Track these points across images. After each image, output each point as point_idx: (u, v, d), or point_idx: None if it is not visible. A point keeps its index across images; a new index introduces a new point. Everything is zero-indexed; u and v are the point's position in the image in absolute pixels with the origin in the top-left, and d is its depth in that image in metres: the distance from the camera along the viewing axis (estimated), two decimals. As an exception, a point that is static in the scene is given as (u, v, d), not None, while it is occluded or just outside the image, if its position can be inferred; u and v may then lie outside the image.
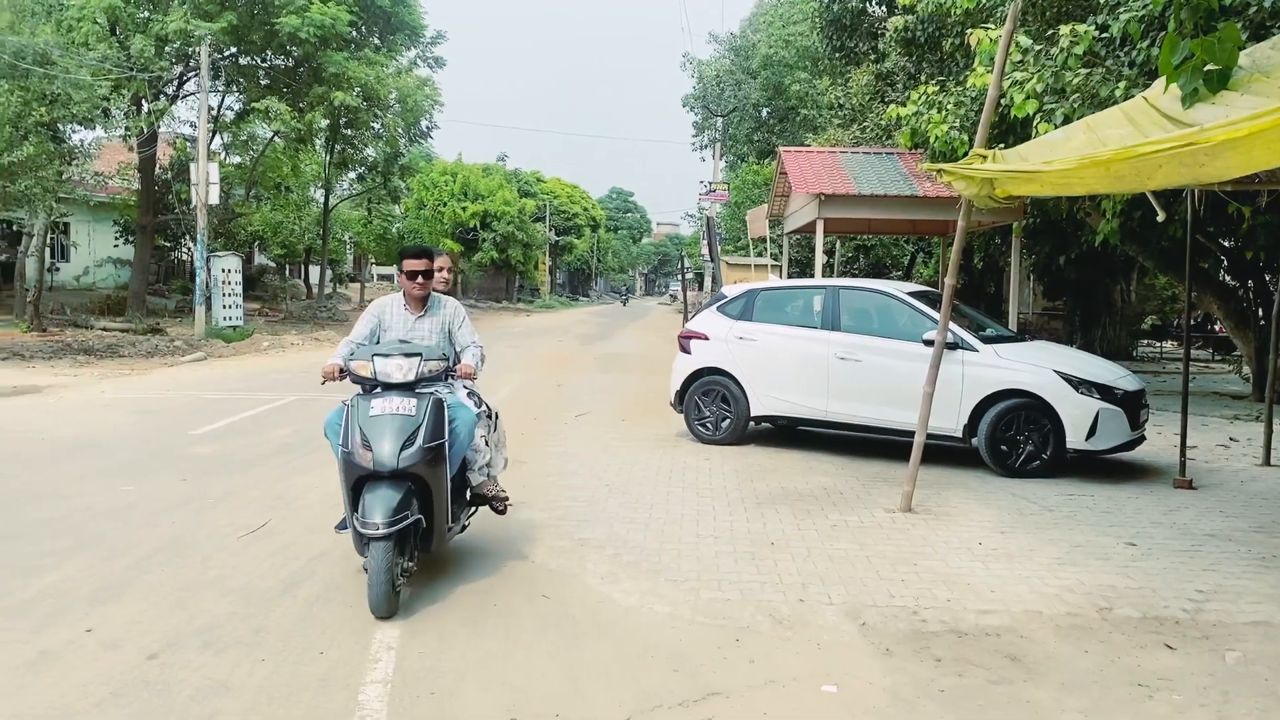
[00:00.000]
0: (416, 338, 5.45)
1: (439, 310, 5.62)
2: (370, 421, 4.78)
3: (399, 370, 4.95)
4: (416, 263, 5.45)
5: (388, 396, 4.87)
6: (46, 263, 26.84)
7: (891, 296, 9.63)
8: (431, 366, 5.06)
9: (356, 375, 5.03)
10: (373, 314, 5.55)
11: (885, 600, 5.20)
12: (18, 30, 17.25)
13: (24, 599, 4.80)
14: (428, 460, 4.83)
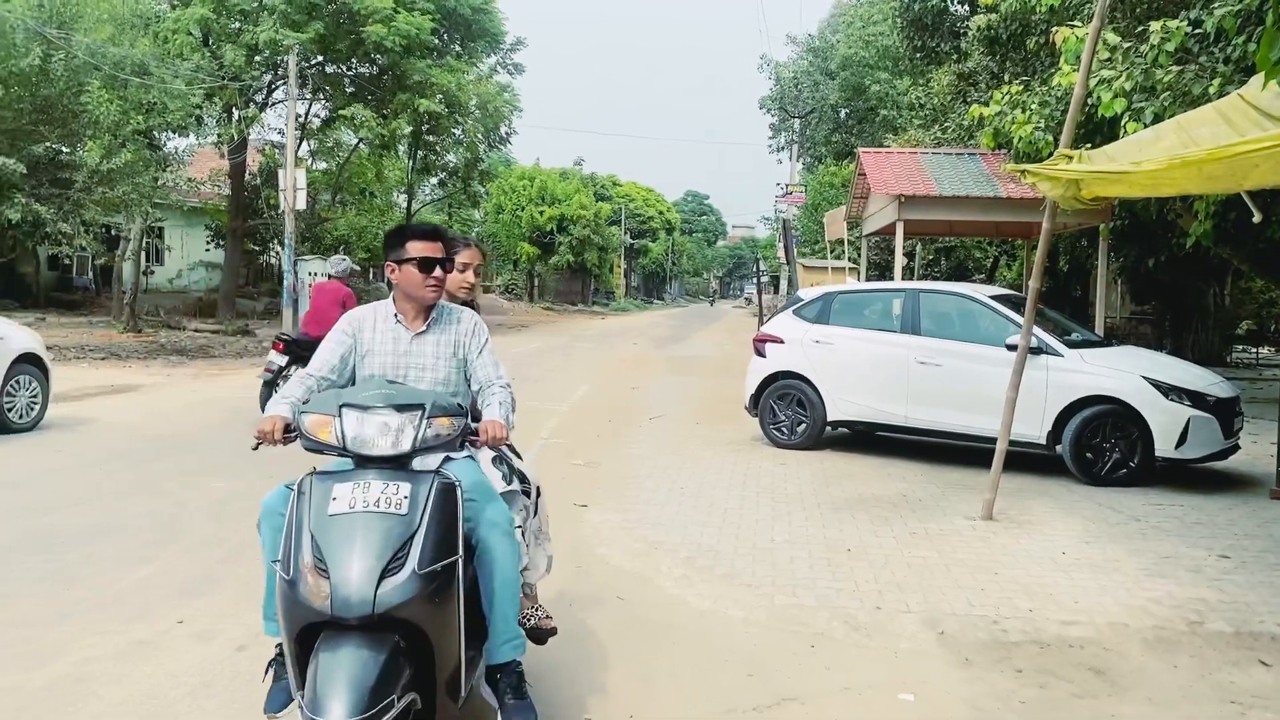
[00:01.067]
0: (414, 367, 3.51)
1: (450, 325, 3.60)
2: (331, 525, 2.73)
3: (385, 434, 2.90)
4: (428, 246, 3.48)
5: (362, 479, 2.83)
6: (142, 266, 27.86)
7: (973, 300, 9.47)
8: (441, 427, 2.98)
9: (312, 439, 2.96)
10: (346, 330, 3.54)
11: (965, 609, 5.11)
12: (117, 42, 17.93)
13: (120, 590, 4.99)
14: (428, 596, 2.73)
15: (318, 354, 3.54)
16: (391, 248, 3.56)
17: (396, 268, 3.53)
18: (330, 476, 2.88)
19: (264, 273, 38.64)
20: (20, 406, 9.55)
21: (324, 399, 3.09)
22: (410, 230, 3.62)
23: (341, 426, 2.91)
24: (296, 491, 2.89)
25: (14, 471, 7.89)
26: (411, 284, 3.50)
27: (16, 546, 5.74)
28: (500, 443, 3.28)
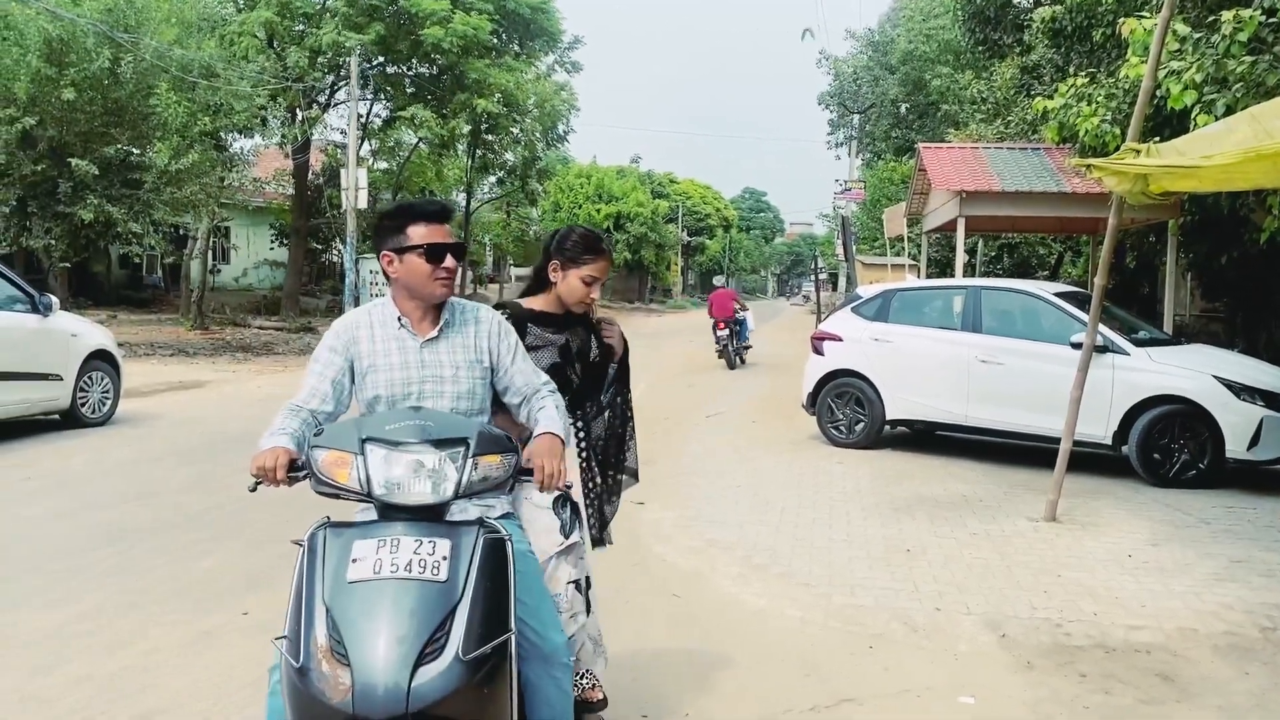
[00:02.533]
0: (430, 380, 2.85)
1: (467, 326, 2.95)
2: (351, 596, 2.21)
3: (420, 477, 2.36)
4: (435, 230, 2.83)
5: (389, 534, 2.30)
6: (209, 265, 28.49)
7: (1036, 297, 9.30)
8: (489, 467, 2.45)
9: (328, 481, 2.39)
10: (335, 345, 2.89)
11: (1027, 612, 5.02)
12: (184, 45, 18.36)
13: (186, 583, 5.10)
14: (476, 685, 2.21)
15: (305, 379, 2.87)
16: (388, 233, 2.84)
17: (395, 259, 2.83)
18: (348, 530, 2.33)
19: (326, 271, 39.28)
20: (93, 401, 9.84)
21: (341, 430, 2.48)
22: (411, 210, 2.87)
23: (365, 467, 2.33)
24: (305, 549, 2.33)
25: (87, 465, 8.12)
26: (417, 278, 2.81)
27: (90, 540, 5.91)
28: (555, 483, 2.60)
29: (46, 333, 9.23)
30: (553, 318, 3.35)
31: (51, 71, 16.21)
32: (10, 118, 15.95)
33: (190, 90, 18.48)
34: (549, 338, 3.33)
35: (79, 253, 18.76)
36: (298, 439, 2.60)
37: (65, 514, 6.52)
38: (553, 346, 3.33)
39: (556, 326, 3.35)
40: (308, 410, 2.81)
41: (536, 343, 3.28)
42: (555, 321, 3.34)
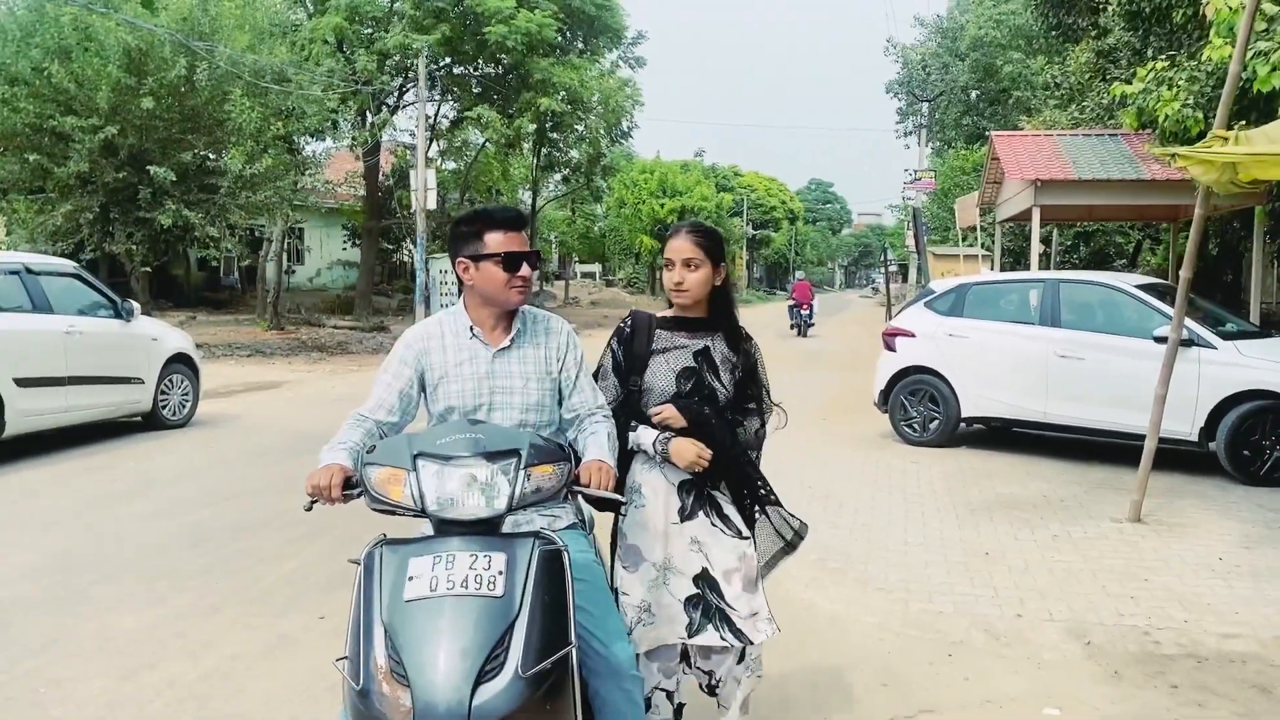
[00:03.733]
0: (500, 391, 2.86)
1: (539, 336, 2.97)
2: (409, 615, 2.20)
3: (473, 491, 2.34)
4: (512, 237, 2.84)
5: (444, 550, 2.28)
6: (284, 266, 29.11)
7: (1117, 290, 9.03)
8: (542, 478, 2.43)
9: (381, 498, 2.40)
10: (405, 358, 2.90)
11: (1113, 619, 4.86)
12: (256, 51, 18.73)
13: (266, 586, 5.19)
14: (539, 701, 2.20)
15: (374, 389, 2.89)
16: (465, 240, 2.84)
17: (471, 265, 2.84)
18: (404, 547, 2.31)
19: (398, 271, 39.86)
20: (174, 403, 10.10)
21: (393, 446, 2.47)
22: (489, 217, 2.86)
23: (418, 483, 2.33)
24: (362, 569, 2.33)
25: (169, 468, 8.34)
26: (493, 285, 2.82)
27: (174, 542, 6.06)
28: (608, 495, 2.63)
29: (129, 337, 9.50)
30: (685, 321, 3.15)
31: (131, 81, 16.67)
32: (93, 127, 16.44)
33: (263, 95, 18.86)
34: (681, 341, 3.12)
35: (159, 256, 19.30)
36: (356, 453, 2.59)
37: (152, 515, 6.70)
38: (685, 350, 3.11)
39: (690, 330, 3.14)
40: (373, 421, 2.83)
41: (666, 345, 3.12)
42: (688, 325, 3.15)
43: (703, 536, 3.06)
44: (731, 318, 3.18)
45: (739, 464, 3.15)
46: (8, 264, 8.57)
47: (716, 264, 3.10)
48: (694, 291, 3.07)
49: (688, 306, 3.12)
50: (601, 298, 49.74)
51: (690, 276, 3.06)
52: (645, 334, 3.13)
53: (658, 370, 3.09)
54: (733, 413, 3.14)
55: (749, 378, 3.17)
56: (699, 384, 3.08)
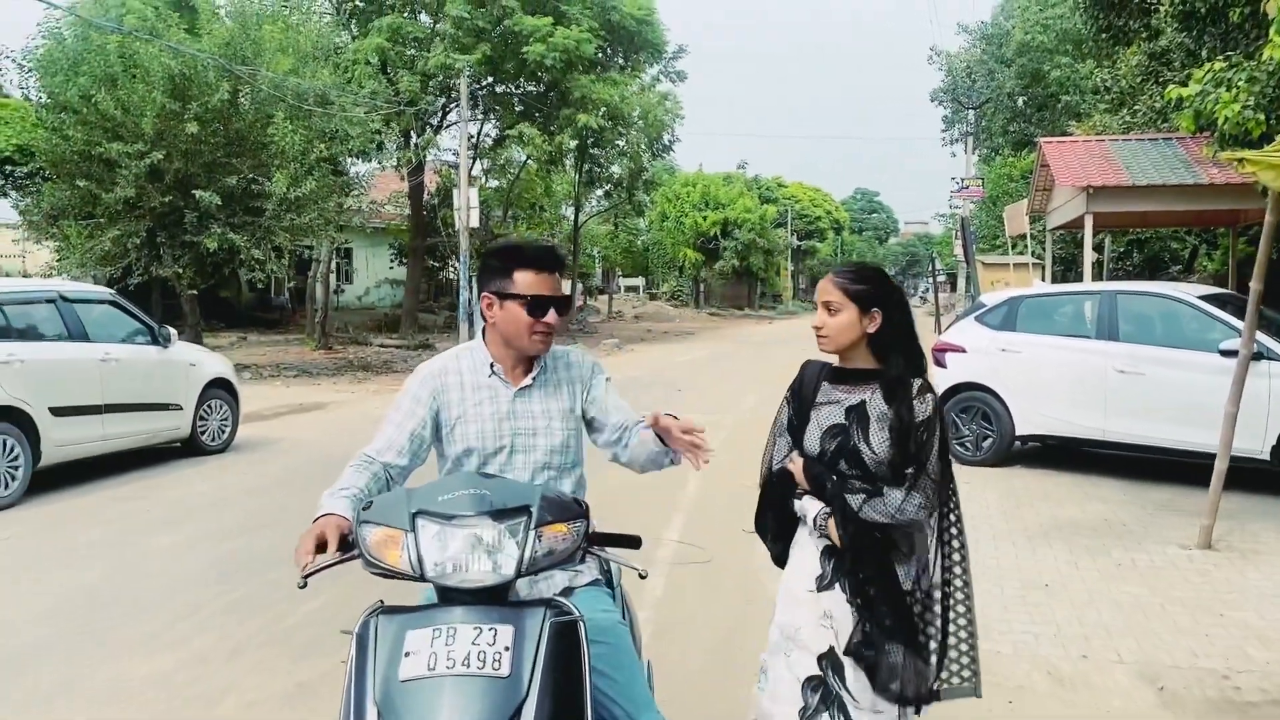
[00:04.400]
0: (522, 433, 2.69)
1: (560, 372, 2.80)
2: (404, 697, 1.98)
3: (478, 555, 2.10)
4: (543, 280, 2.64)
5: (446, 622, 2.05)
6: (332, 286, 29.29)
7: (1179, 301, 8.63)
8: (555, 539, 2.18)
9: (376, 562, 2.15)
10: (420, 394, 2.73)
11: (1187, 660, 4.53)
12: (299, 74, 18.84)
13: (290, 625, 5.01)
14: None
15: (383, 428, 2.72)
16: (493, 274, 2.65)
17: (496, 302, 2.64)
18: (401, 618, 2.08)
19: (444, 288, 40.03)
20: (213, 429, 10.05)
21: (390, 503, 2.20)
22: (520, 254, 2.64)
23: (416, 545, 2.09)
24: (355, 640, 2.11)
25: (204, 496, 8.25)
26: (514, 328, 2.63)
27: (202, 575, 5.92)
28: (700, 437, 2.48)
29: (167, 363, 9.47)
30: (846, 372, 2.78)
31: (176, 106, 16.81)
32: (139, 152, 16.60)
33: (306, 118, 18.95)
34: (839, 394, 2.76)
35: (206, 279, 19.43)
36: (360, 501, 2.33)
37: (181, 546, 6.58)
38: (839, 405, 2.74)
39: (850, 382, 2.77)
40: (381, 464, 2.66)
41: (825, 399, 2.78)
42: (849, 376, 2.78)
43: (836, 611, 2.68)
44: (893, 367, 2.72)
45: (863, 551, 2.68)
46: (43, 292, 8.58)
47: (867, 307, 2.72)
48: (834, 338, 2.74)
49: (840, 354, 2.79)
50: (645, 311, 49.58)
51: (830, 321, 2.73)
52: (812, 386, 2.83)
53: (812, 428, 2.77)
54: (885, 483, 2.68)
55: (905, 438, 2.65)
56: (843, 445, 2.72)
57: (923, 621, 2.69)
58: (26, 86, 19.02)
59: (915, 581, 2.70)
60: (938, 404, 2.71)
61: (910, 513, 2.64)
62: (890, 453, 2.66)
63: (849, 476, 2.70)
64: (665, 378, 18.64)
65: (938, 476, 2.67)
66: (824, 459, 2.73)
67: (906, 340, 2.75)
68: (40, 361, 8.00)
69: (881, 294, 2.74)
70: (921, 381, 2.72)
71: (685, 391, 16.06)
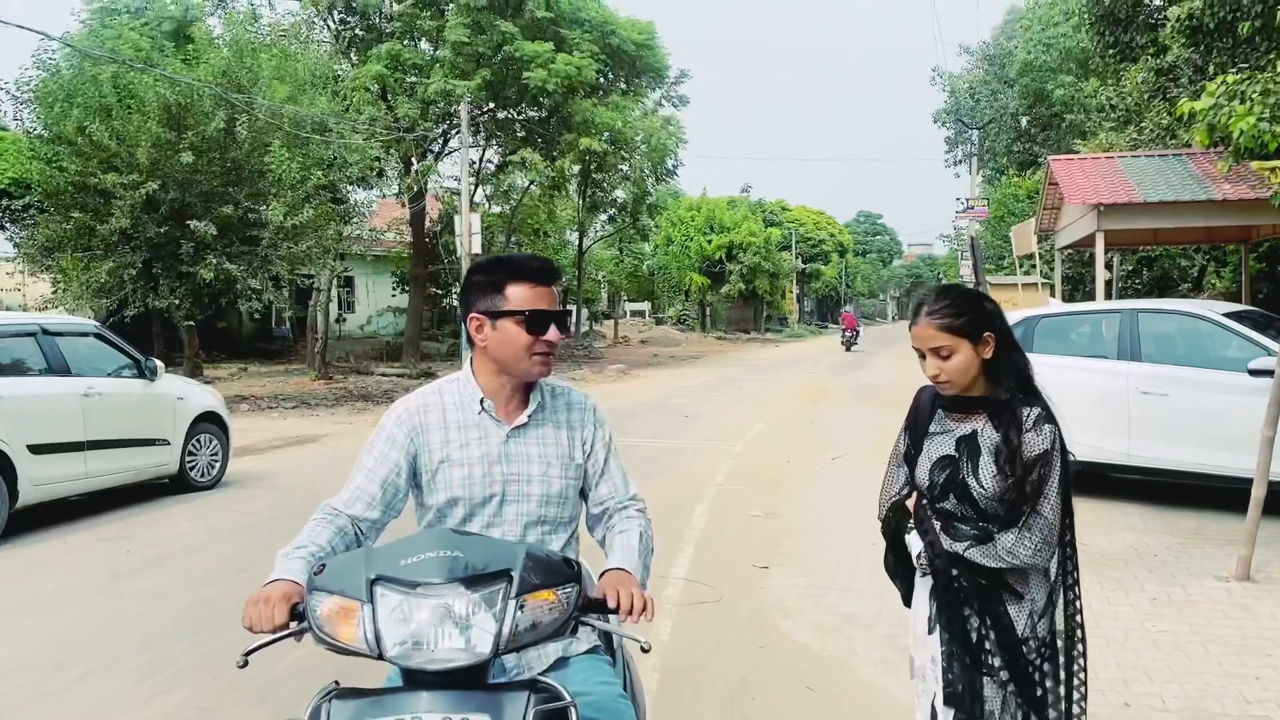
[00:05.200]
0: (515, 480, 2.35)
1: (560, 412, 2.46)
2: None
3: (448, 630, 1.76)
4: (539, 293, 2.32)
5: (406, 708, 1.77)
6: (333, 315, 29.06)
7: (1204, 319, 8.28)
8: (539, 609, 1.83)
9: (327, 639, 1.84)
10: (395, 435, 2.38)
11: (1238, 707, 4.16)
12: (297, 102, 18.64)
13: (268, 681, 4.64)
14: None
15: (352, 475, 2.37)
16: (480, 291, 2.30)
17: (486, 323, 2.28)
18: (358, 704, 1.78)
19: (447, 315, 39.84)
20: (202, 465, 9.71)
21: (345, 567, 1.86)
22: (510, 266, 2.31)
23: (374, 619, 1.75)
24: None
25: (189, 536, 7.90)
26: (511, 350, 2.28)
27: (177, 625, 5.57)
28: (648, 614, 2.03)
29: (153, 397, 9.13)
30: (960, 400, 2.53)
31: (170, 136, 16.59)
32: (134, 183, 16.36)
33: (303, 146, 18.74)
34: (950, 424, 2.55)
35: (203, 310, 19.16)
36: (319, 562, 1.96)
37: (159, 592, 6.23)
38: (951, 435, 2.53)
39: (964, 410, 2.54)
40: (347, 517, 2.33)
41: (939, 428, 2.57)
42: (962, 404, 2.54)
43: (939, 655, 2.52)
44: (1003, 390, 2.46)
45: (967, 594, 2.46)
46: (23, 326, 8.27)
47: (978, 337, 2.45)
48: (957, 381, 2.49)
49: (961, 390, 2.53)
50: (651, 336, 49.32)
51: (948, 366, 2.47)
52: (927, 414, 2.61)
53: (923, 459, 2.56)
54: (997, 521, 2.43)
55: (1014, 469, 2.39)
56: (951, 478, 2.48)
57: (1039, 674, 2.44)
58: (21, 119, 18.82)
59: (1032, 629, 2.45)
60: (1058, 435, 2.43)
61: (1024, 557, 2.39)
62: (1000, 487, 2.40)
63: (957, 516, 2.48)
64: (672, 404, 18.30)
65: (1056, 517, 2.39)
66: (933, 492, 2.51)
67: (1013, 355, 2.50)
68: (18, 397, 7.67)
69: (984, 316, 2.49)
70: (1040, 411, 2.44)
71: (691, 418, 15.72)
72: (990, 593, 2.44)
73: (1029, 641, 2.44)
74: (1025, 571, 2.44)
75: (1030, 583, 2.46)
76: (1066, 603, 2.50)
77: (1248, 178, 13.79)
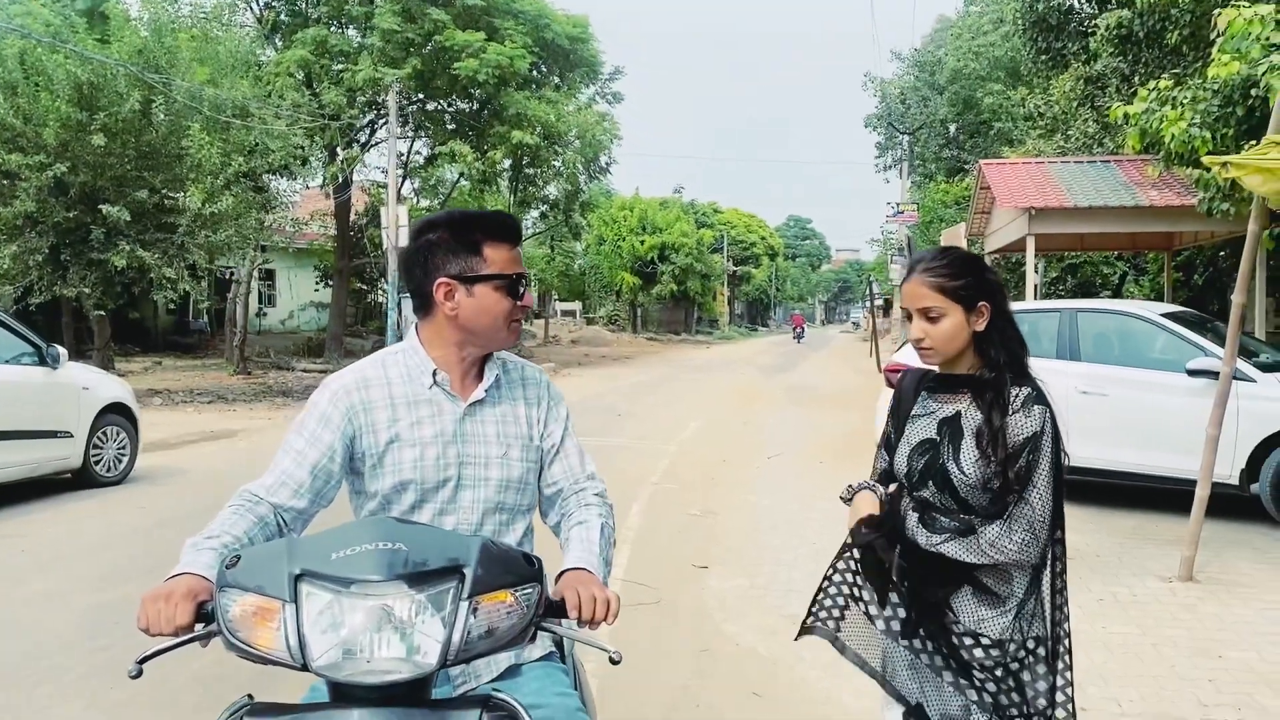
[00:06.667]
0: (471, 463, 2.08)
1: (517, 386, 2.21)
2: None
3: (386, 639, 1.47)
4: (515, 254, 2.09)
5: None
6: (253, 308, 28.16)
7: (1143, 319, 8.29)
8: (495, 613, 1.54)
9: (240, 645, 1.53)
10: (329, 414, 2.08)
11: (1196, 711, 4.04)
12: (217, 85, 17.95)
13: (174, 689, 4.26)
14: None
15: (277, 458, 2.07)
16: (451, 253, 2.02)
17: (460, 289, 2.01)
18: (278, 715, 1.53)
19: (372, 311, 38.98)
20: (108, 459, 9.15)
21: (263, 559, 1.56)
22: (484, 224, 2.05)
23: (299, 622, 1.47)
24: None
25: (91, 534, 7.39)
26: (488, 319, 2.03)
27: (76, 630, 5.12)
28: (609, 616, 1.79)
29: (55, 387, 8.55)
30: (946, 380, 2.34)
31: (81, 116, 15.82)
32: (41, 164, 15.55)
33: (224, 131, 18.06)
34: (933, 406, 2.34)
35: (115, 299, 18.33)
36: (234, 554, 1.61)
37: (55, 595, 5.76)
38: (932, 417, 2.32)
39: (949, 390, 2.33)
40: (269, 505, 2.01)
41: (921, 410, 2.36)
42: (948, 384, 2.33)
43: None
44: (991, 366, 2.25)
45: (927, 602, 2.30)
46: (-90, 307, 7.69)
47: (972, 303, 2.23)
48: (941, 349, 2.26)
49: (946, 362, 2.30)
50: (582, 335, 48.96)
51: (934, 331, 2.25)
52: (910, 397, 2.38)
53: (903, 445, 2.35)
54: (979, 512, 2.22)
55: (996, 451, 2.18)
56: (930, 463, 2.26)
57: (1017, 683, 2.22)
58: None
59: (1012, 632, 2.23)
60: (1050, 418, 2.23)
61: (1010, 551, 2.18)
62: (983, 473, 2.17)
63: (936, 505, 2.27)
64: (604, 402, 18.04)
65: (1045, 509, 2.18)
66: (912, 479, 2.31)
67: (1009, 332, 2.28)
68: (-98, 384, 7.10)
69: (984, 284, 2.27)
70: (1030, 390, 2.23)
71: (625, 417, 15.47)
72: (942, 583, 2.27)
73: (1006, 645, 2.23)
74: (1006, 569, 2.24)
75: (1014, 581, 2.26)
76: (1054, 608, 2.31)
77: (1174, 185, 14.05)
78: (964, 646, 2.26)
